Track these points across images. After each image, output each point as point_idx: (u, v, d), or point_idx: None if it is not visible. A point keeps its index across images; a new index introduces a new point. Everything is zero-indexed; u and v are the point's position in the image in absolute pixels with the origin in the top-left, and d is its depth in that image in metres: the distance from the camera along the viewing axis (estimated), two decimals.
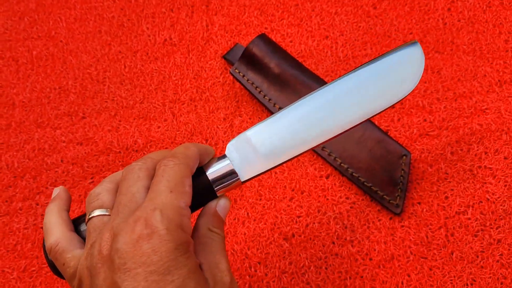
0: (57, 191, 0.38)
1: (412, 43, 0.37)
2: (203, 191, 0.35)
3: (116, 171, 0.54)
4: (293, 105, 0.37)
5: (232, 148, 0.36)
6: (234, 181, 0.36)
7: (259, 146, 0.36)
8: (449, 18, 0.58)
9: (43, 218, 0.53)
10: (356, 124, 0.36)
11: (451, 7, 0.58)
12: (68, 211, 0.37)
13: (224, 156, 0.36)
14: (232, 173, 0.36)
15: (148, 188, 0.32)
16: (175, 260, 0.28)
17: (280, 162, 0.36)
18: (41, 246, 0.52)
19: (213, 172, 0.35)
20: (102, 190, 0.34)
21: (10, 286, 0.51)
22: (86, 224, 0.33)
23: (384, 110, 0.36)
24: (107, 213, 0.33)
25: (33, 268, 0.52)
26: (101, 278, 0.29)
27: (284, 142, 0.36)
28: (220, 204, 0.35)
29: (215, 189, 0.35)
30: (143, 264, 0.28)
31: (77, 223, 0.36)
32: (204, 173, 0.35)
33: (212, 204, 0.35)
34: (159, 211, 0.30)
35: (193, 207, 0.35)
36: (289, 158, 0.36)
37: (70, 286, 0.33)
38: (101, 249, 0.30)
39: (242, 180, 0.36)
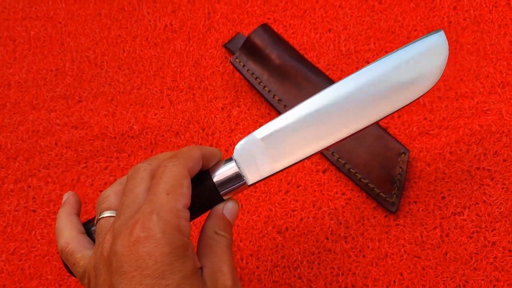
0: (67, 196, 0.39)
1: (436, 31, 0.34)
2: (209, 194, 0.35)
3: (110, 157, 0.54)
4: (303, 103, 0.35)
5: (239, 150, 0.35)
6: (240, 185, 0.35)
7: (266, 148, 0.35)
8: (454, 17, 0.57)
9: (34, 201, 0.53)
10: (370, 124, 0.34)
11: (457, 6, 0.58)
12: (78, 214, 0.37)
13: (231, 159, 0.35)
14: (238, 177, 0.35)
15: None
16: (170, 265, 0.28)
17: (289, 165, 0.35)
18: (31, 229, 0.52)
19: (219, 175, 0.35)
20: (111, 192, 0.34)
21: None
22: (95, 226, 0.34)
23: (403, 108, 0.34)
24: (114, 215, 0.33)
25: (22, 251, 0.51)
26: (102, 279, 0.30)
27: (292, 143, 0.34)
28: (228, 207, 0.35)
29: (221, 192, 0.35)
30: (139, 267, 0.28)
31: (88, 226, 0.37)
32: (210, 176, 0.35)
33: (219, 207, 0.35)
34: (156, 213, 0.29)
35: (200, 210, 0.35)
36: (298, 159, 0.35)
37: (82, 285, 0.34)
38: (102, 251, 0.30)
39: (249, 184, 0.35)
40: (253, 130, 0.54)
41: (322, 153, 0.51)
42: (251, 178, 0.35)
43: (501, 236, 0.47)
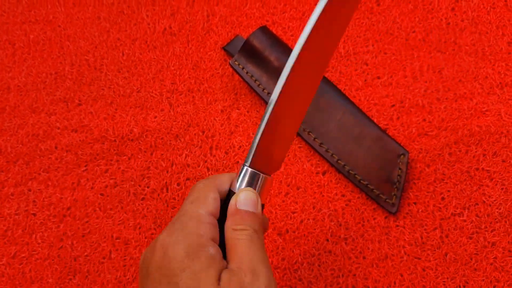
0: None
1: None
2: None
3: (110, 160, 0.54)
4: None
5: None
6: (263, 180, 0.35)
7: None
8: (452, 18, 0.57)
9: (35, 204, 0.53)
10: None
11: (455, 7, 0.58)
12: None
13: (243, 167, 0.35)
14: (255, 175, 0.34)
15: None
16: (181, 263, 0.30)
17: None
18: (32, 233, 0.52)
19: (239, 185, 0.34)
20: None
21: (0, 272, 0.50)
22: None
23: None
24: None
25: (23, 255, 0.51)
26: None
27: None
28: (240, 200, 0.34)
29: None
30: (159, 268, 0.30)
31: None
32: (232, 192, 0.35)
33: (232, 203, 0.34)
34: (178, 218, 0.32)
35: None
36: None
37: None
38: None
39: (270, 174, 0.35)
40: (253, 132, 0.54)
41: (321, 155, 0.51)
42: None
43: (500, 237, 0.48)
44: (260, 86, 0.54)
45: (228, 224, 0.33)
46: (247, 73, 0.54)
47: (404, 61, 0.56)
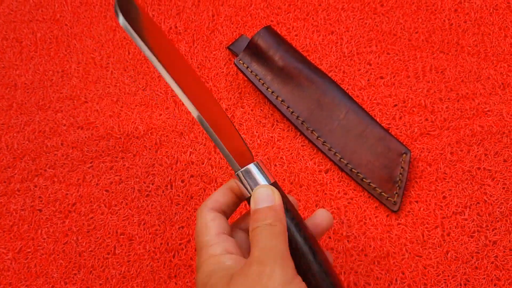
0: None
1: None
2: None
3: (116, 157, 0.54)
4: None
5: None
6: (257, 166, 0.36)
7: None
8: (455, 19, 0.58)
9: (40, 200, 0.53)
10: None
11: (458, 8, 0.58)
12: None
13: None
14: (249, 170, 0.36)
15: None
16: (199, 257, 0.34)
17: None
18: (37, 228, 0.52)
19: (249, 188, 0.36)
20: None
21: (5, 266, 0.51)
22: None
23: None
24: None
25: (29, 250, 0.52)
26: None
27: None
28: (255, 200, 0.35)
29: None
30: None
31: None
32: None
33: (251, 208, 0.35)
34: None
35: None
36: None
37: None
38: None
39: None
40: (256, 131, 0.55)
41: (324, 153, 0.52)
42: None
43: (501, 236, 0.48)
44: (264, 85, 0.54)
45: (249, 229, 0.34)
46: (251, 72, 0.55)
47: (407, 61, 0.56)
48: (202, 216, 0.36)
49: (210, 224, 0.35)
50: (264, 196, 0.34)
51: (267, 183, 0.36)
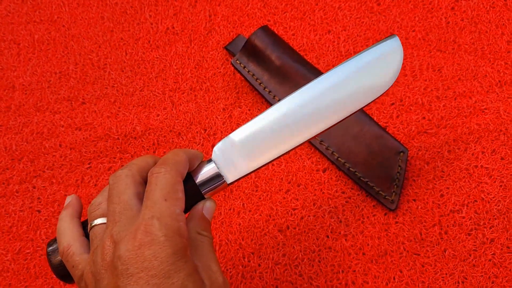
0: (69, 199, 0.39)
1: (391, 37, 0.37)
2: (192, 195, 0.36)
3: (114, 157, 0.55)
4: (275, 105, 0.37)
5: (217, 151, 0.37)
6: (220, 184, 0.36)
7: (242, 148, 0.37)
8: (452, 17, 0.58)
9: (39, 201, 0.54)
10: (332, 125, 0.37)
11: (454, 6, 0.58)
12: (79, 218, 0.38)
13: (210, 160, 0.37)
14: (218, 176, 0.36)
15: (138, 194, 0.34)
16: (173, 264, 0.30)
17: (264, 163, 0.37)
18: (36, 229, 0.52)
19: (200, 176, 0.36)
20: (103, 199, 0.35)
21: (4, 267, 0.51)
22: (89, 232, 0.35)
23: (365, 106, 0.37)
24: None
25: (28, 251, 0.52)
26: (105, 283, 0.31)
27: (265, 143, 0.37)
28: (207, 207, 0.36)
29: (202, 192, 0.36)
30: (145, 269, 0.30)
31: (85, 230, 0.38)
32: (192, 177, 0.36)
33: (199, 207, 0.36)
34: (157, 219, 0.31)
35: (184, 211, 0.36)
36: (272, 158, 0.37)
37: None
38: (104, 256, 0.31)
39: (228, 182, 0.37)
40: None
41: (322, 153, 0.52)
42: (230, 177, 0.37)
43: (499, 233, 0.48)
44: (261, 84, 0.54)
45: (192, 225, 0.35)
46: (248, 72, 0.55)
47: (404, 59, 0.56)
48: (176, 181, 0.34)
49: (181, 196, 0.34)
50: (213, 211, 0.37)
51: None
